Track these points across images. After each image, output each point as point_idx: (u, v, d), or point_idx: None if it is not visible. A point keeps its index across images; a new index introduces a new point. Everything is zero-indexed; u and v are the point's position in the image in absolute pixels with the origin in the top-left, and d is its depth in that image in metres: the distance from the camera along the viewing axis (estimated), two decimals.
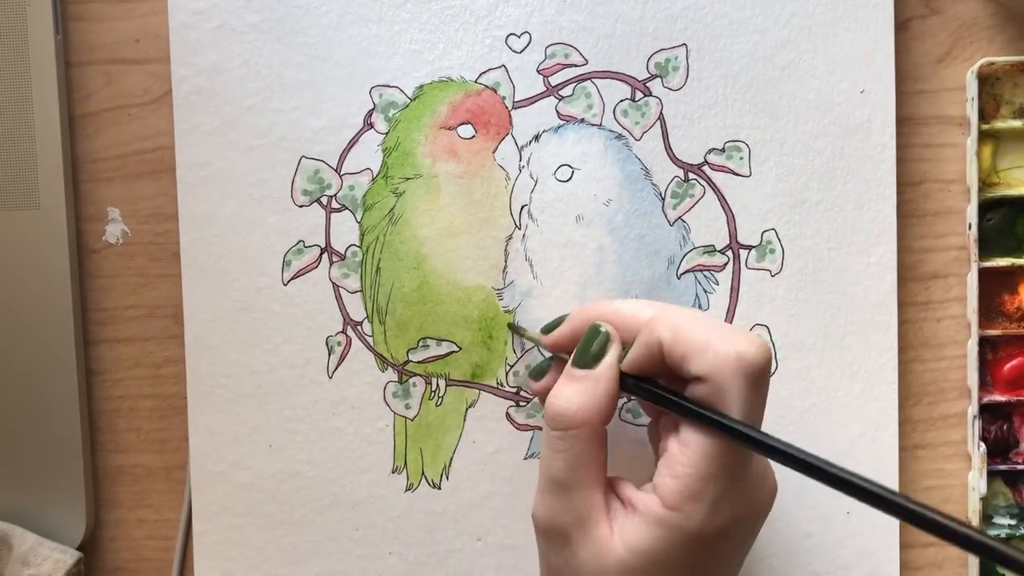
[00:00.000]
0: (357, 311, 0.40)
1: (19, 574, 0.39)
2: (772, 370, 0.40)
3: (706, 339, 0.30)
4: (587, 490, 0.32)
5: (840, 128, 0.40)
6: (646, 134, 0.40)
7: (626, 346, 0.33)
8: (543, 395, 0.37)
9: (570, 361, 0.34)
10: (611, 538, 0.31)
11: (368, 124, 0.40)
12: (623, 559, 0.31)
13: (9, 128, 0.40)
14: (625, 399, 0.40)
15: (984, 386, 0.41)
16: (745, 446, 0.30)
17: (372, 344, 0.40)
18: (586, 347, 0.33)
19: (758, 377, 0.30)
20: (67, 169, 0.40)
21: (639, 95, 0.40)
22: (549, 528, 0.32)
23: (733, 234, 0.40)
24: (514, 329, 0.40)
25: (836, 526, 0.40)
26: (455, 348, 0.40)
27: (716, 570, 0.32)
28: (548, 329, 0.36)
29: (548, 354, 0.38)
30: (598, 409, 0.32)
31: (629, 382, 0.33)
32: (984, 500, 0.41)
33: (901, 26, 0.41)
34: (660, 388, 0.32)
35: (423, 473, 0.40)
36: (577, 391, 0.33)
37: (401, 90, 0.40)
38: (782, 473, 0.40)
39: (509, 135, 0.40)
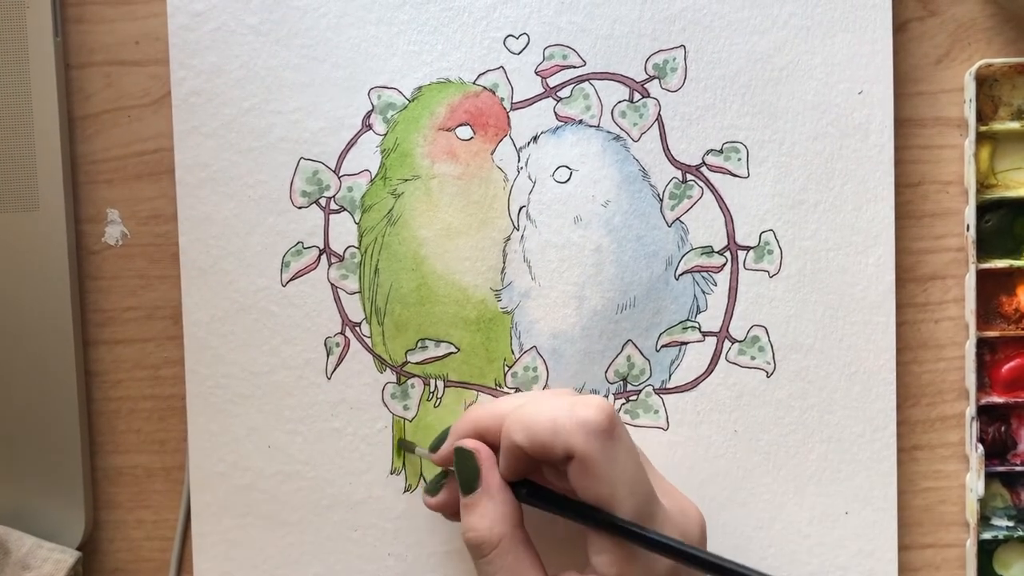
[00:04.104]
0: (356, 312, 0.40)
1: None
2: (771, 371, 0.40)
3: (553, 420, 0.32)
4: None
5: (838, 129, 0.40)
6: (644, 135, 0.40)
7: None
8: (440, 510, 0.37)
9: (460, 493, 0.35)
10: None
11: (367, 125, 0.40)
12: None
13: (8, 130, 0.40)
14: (623, 401, 0.40)
15: (982, 387, 0.41)
16: (626, 540, 0.32)
17: (371, 345, 0.40)
18: (461, 473, 0.35)
19: (607, 432, 0.32)
20: (66, 171, 0.41)
21: (637, 96, 0.40)
22: None
23: (731, 235, 0.40)
24: (406, 447, 0.40)
25: (835, 526, 0.40)
26: (453, 349, 0.40)
27: None
28: (434, 447, 0.37)
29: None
30: (506, 518, 0.33)
31: (524, 495, 0.34)
32: (982, 501, 0.41)
33: (899, 27, 0.41)
34: (542, 494, 0.34)
35: (421, 474, 0.40)
36: (480, 514, 0.34)
37: (399, 91, 0.40)
38: (781, 472, 0.40)
39: (507, 136, 0.40)
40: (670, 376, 0.40)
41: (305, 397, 0.40)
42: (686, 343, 0.40)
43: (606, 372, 0.40)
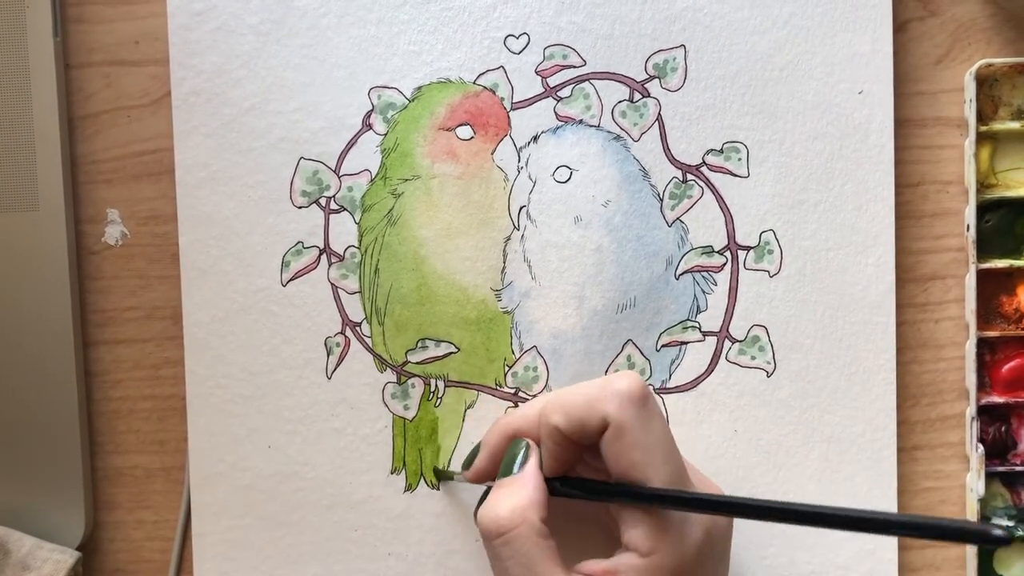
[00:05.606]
0: (356, 312, 0.40)
1: None
2: (771, 371, 0.40)
3: (587, 395, 0.33)
4: None
5: (838, 129, 0.40)
6: (644, 135, 0.40)
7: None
8: (476, 481, 0.38)
9: (497, 477, 0.35)
10: None
11: (367, 125, 0.40)
12: None
13: (8, 130, 0.40)
14: None
15: (982, 387, 0.41)
16: (668, 507, 0.32)
17: (371, 345, 0.40)
18: (508, 460, 0.35)
19: (642, 400, 0.33)
20: (66, 171, 0.40)
21: (637, 96, 0.40)
22: None
23: (731, 235, 0.40)
24: (442, 476, 0.40)
25: None
26: (453, 349, 0.40)
27: None
28: (467, 463, 0.38)
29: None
30: (528, 504, 0.33)
31: (558, 487, 0.35)
32: (982, 501, 0.41)
33: (899, 27, 0.41)
34: (585, 483, 0.35)
35: (422, 474, 0.40)
36: (503, 495, 0.34)
37: (400, 91, 0.40)
38: (781, 471, 0.40)
39: (508, 136, 0.40)
40: (670, 376, 0.40)
41: (305, 397, 0.40)
42: (686, 343, 0.40)
43: (606, 372, 0.40)
